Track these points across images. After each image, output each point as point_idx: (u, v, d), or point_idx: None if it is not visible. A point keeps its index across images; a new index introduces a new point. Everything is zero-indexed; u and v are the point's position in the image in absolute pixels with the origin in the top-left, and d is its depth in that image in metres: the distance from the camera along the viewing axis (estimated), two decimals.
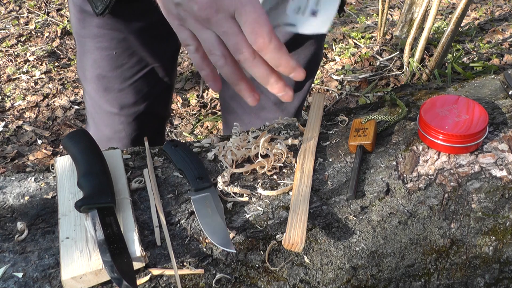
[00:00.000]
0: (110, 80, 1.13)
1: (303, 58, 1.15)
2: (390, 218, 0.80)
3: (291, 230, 0.74)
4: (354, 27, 3.12)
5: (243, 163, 0.89)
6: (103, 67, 1.11)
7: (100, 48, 1.08)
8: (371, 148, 0.89)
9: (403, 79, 2.54)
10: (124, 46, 1.08)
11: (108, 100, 1.17)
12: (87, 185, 0.76)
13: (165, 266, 0.71)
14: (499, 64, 2.64)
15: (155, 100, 1.21)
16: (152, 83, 1.17)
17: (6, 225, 0.76)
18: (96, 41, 1.07)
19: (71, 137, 0.85)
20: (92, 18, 1.03)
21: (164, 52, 1.14)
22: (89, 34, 1.07)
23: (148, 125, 1.25)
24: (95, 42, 1.08)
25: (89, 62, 1.12)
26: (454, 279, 0.78)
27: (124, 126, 1.23)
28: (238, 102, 1.26)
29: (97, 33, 1.06)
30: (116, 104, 1.17)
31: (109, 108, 1.18)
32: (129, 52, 1.10)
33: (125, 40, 1.07)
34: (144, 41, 1.09)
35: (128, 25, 1.04)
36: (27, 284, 0.68)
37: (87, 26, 1.05)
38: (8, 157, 2.11)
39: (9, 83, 2.60)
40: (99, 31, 1.05)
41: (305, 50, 1.15)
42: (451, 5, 3.38)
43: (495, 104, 0.99)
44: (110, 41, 1.07)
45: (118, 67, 1.11)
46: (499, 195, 0.83)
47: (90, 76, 1.14)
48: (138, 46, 1.09)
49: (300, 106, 1.27)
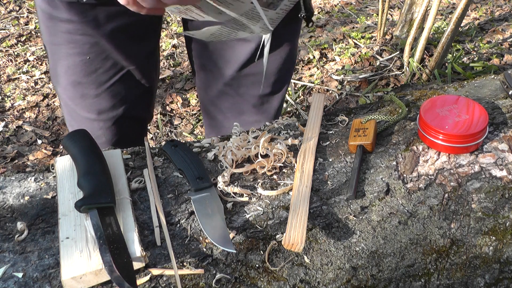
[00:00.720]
0: (85, 86, 1.11)
1: (279, 59, 1.15)
2: (390, 218, 0.80)
3: (291, 230, 0.74)
4: (354, 27, 3.12)
5: (243, 163, 0.89)
6: (77, 73, 1.09)
7: (73, 54, 1.07)
8: (371, 148, 0.89)
9: (403, 79, 2.54)
10: (97, 51, 1.06)
11: (85, 106, 1.15)
12: (87, 185, 0.76)
13: (165, 266, 0.71)
14: (499, 64, 2.64)
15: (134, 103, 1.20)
16: (129, 86, 1.15)
17: (6, 225, 0.76)
18: (68, 47, 1.06)
19: (71, 137, 0.85)
20: (62, 24, 1.02)
21: (138, 53, 1.13)
22: (60, 41, 1.05)
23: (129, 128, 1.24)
24: (67, 49, 1.06)
25: (62, 69, 1.10)
26: (454, 279, 0.78)
27: (104, 132, 1.21)
28: (217, 108, 1.26)
29: (69, 39, 1.04)
30: (94, 110, 1.15)
31: (87, 114, 1.17)
32: (102, 56, 1.08)
33: (98, 44, 1.05)
34: (117, 44, 1.07)
35: (99, 28, 1.03)
36: (27, 284, 0.68)
37: (58, 33, 1.04)
38: (8, 157, 2.11)
39: (9, 83, 2.60)
40: (71, 37, 1.04)
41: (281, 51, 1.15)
42: (451, 5, 3.38)
43: (495, 104, 0.99)
44: (83, 46, 1.05)
45: (93, 72, 1.10)
46: (499, 195, 0.83)
47: (65, 84, 1.12)
48: (112, 50, 1.07)
49: (279, 107, 1.27)
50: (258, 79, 1.16)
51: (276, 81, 1.18)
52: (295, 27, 1.15)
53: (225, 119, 1.26)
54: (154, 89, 1.26)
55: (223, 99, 1.22)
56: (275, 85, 1.19)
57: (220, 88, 1.19)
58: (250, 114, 1.23)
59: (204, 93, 1.26)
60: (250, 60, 1.12)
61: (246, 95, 1.20)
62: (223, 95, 1.21)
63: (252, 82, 1.16)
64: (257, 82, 1.16)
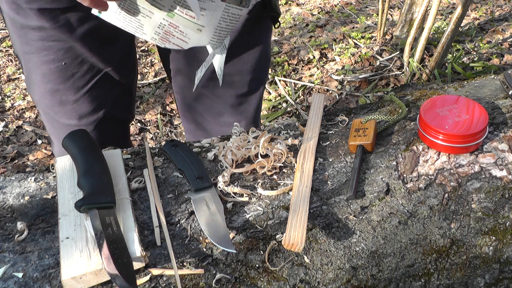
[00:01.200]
0: (63, 92, 1.10)
1: (253, 58, 1.16)
2: (390, 218, 0.80)
3: (291, 230, 0.74)
4: (354, 27, 3.12)
5: (243, 163, 0.89)
6: (54, 80, 1.08)
7: (47, 62, 1.05)
8: (371, 148, 0.89)
9: (403, 79, 2.54)
10: (72, 55, 1.05)
11: (64, 113, 1.14)
12: (87, 185, 0.76)
13: (165, 266, 0.71)
14: (499, 64, 2.64)
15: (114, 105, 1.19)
16: (107, 88, 1.14)
17: (6, 225, 0.76)
18: (42, 55, 1.04)
19: (71, 137, 0.85)
20: (34, 32, 1.00)
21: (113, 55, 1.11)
22: (33, 50, 1.03)
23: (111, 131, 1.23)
24: (40, 57, 1.04)
25: (37, 78, 1.08)
26: (454, 279, 0.78)
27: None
28: (195, 111, 1.26)
29: (42, 46, 1.02)
30: (74, 116, 1.14)
31: (67, 121, 1.15)
32: (78, 60, 1.06)
33: (72, 48, 1.03)
34: (91, 47, 1.06)
35: (72, 33, 1.01)
36: (27, 284, 0.68)
37: (30, 41, 1.02)
38: (8, 157, 2.11)
39: (9, 83, 2.60)
40: (43, 44, 1.02)
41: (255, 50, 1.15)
42: (451, 5, 3.38)
43: (495, 104, 0.99)
44: (57, 52, 1.03)
45: (69, 77, 1.08)
46: (499, 195, 0.83)
47: (41, 92, 1.11)
48: (86, 53, 1.06)
49: (258, 107, 1.27)
50: (234, 79, 1.16)
51: (252, 80, 1.19)
52: (266, 25, 1.15)
53: (204, 121, 1.26)
54: (133, 89, 1.25)
55: (201, 101, 1.22)
56: (252, 84, 1.20)
57: (198, 90, 1.19)
58: (228, 115, 1.23)
59: (182, 98, 1.26)
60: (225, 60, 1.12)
61: (223, 96, 1.19)
62: (200, 97, 1.21)
63: (227, 82, 1.16)
64: (233, 82, 1.17)
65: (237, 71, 1.15)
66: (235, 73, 1.15)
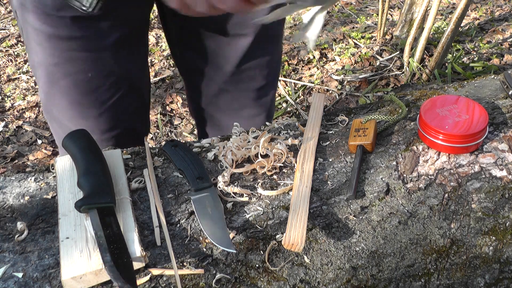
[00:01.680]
0: (86, 105, 1.08)
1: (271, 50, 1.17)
2: (390, 218, 0.79)
3: (291, 230, 0.74)
4: (354, 27, 3.11)
5: (243, 163, 0.89)
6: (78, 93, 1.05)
7: (73, 73, 1.03)
8: (371, 148, 0.89)
9: (403, 79, 2.54)
10: (98, 67, 1.03)
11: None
12: (87, 185, 0.76)
13: (165, 266, 0.71)
14: (499, 64, 2.64)
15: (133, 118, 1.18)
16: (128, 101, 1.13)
17: (6, 225, 0.76)
18: (69, 66, 1.01)
19: (71, 137, 0.85)
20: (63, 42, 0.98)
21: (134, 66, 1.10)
22: (59, 61, 1.01)
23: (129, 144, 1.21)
24: (67, 68, 1.02)
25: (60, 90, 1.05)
26: (454, 279, 0.78)
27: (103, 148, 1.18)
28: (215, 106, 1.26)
29: (69, 57, 1.00)
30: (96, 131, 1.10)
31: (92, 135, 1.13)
32: (104, 73, 1.04)
33: (100, 59, 1.02)
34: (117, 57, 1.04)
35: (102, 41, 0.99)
36: (27, 284, 0.68)
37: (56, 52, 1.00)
38: (8, 157, 2.11)
39: (9, 83, 2.60)
40: (71, 55, 1.00)
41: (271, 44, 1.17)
42: (451, 5, 3.38)
43: (495, 104, 0.99)
44: (84, 63, 1.01)
45: (94, 90, 1.06)
46: (499, 195, 0.83)
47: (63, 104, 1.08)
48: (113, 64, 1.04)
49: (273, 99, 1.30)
50: (255, 73, 1.17)
51: (269, 74, 1.21)
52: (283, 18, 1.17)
53: (223, 117, 1.26)
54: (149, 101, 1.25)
55: (222, 97, 1.22)
56: (269, 77, 1.22)
57: (219, 86, 1.19)
58: (250, 108, 1.24)
59: (199, 96, 1.25)
60: (248, 54, 1.13)
61: (246, 90, 1.21)
62: (223, 92, 1.21)
63: (250, 76, 1.17)
64: (254, 75, 1.18)
65: (258, 64, 1.16)
66: (255, 67, 1.17)
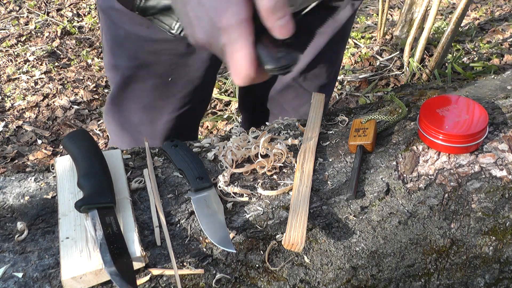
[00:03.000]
0: (158, 110, 1.06)
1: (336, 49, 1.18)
2: (390, 218, 0.80)
3: (291, 230, 0.74)
4: (354, 27, 3.11)
5: (243, 163, 0.89)
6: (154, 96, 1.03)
7: (154, 76, 1.00)
8: (371, 148, 0.89)
9: (403, 79, 2.54)
10: (181, 72, 1.00)
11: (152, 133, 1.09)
12: (87, 185, 0.76)
13: (165, 266, 0.71)
14: (499, 64, 2.64)
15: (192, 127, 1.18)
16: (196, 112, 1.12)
17: (6, 225, 0.76)
18: (152, 68, 0.99)
19: (71, 137, 0.85)
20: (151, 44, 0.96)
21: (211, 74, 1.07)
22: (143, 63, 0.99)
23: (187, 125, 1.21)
24: (149, 70, 0.99)
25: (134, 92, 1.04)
26: (454, 279, 0.78)
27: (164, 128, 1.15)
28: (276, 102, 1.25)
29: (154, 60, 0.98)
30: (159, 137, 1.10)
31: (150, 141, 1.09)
32: (185, 79, 1.01)
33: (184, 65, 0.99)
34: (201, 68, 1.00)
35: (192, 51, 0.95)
36: (27, 284, 0.68)
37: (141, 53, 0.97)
38: (8, 157, 2.11)
39: (9, 83, 2.60)
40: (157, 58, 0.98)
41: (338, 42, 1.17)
42: (451, 5, 3.38)
43: (495, 104, 0.99)
44: (169, 67, 0.99)
45: (171, 96, 1.04)
46: (499, 195, 0.83)
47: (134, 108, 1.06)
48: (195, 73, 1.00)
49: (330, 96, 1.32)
50: (322, 71, 1.18)
51: (332, 72, 1.22)
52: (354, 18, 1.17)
53: (282, 112, 1.24)
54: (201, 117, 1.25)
55: (286, 93, 1.22)
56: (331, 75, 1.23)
57: (287, 82, 1.19)
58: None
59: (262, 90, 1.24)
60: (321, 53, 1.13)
61: (309, 88, 1.21)
62: (287, 89, 1.21)
63: (316, 74, 1.18)
64: (321, 73, 1.18)
65: (326, 62, 1.17)
66: (323, 66, 1.17)
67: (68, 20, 3.16)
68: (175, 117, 1.09)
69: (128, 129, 1.13)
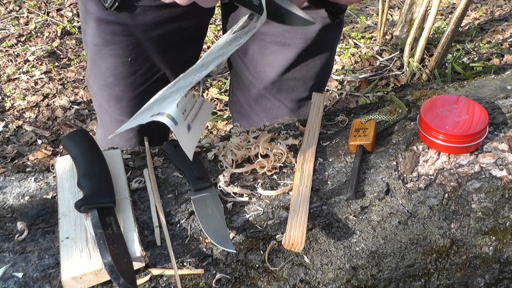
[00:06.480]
0: (122, 88, 1.13)
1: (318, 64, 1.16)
2: (390, 218, 0.80)
3: (291, 230, 0.74)
4: (354, 27, 3.11)
5: (243, 163, 0.89)
6: (116, 74, 1.11)
7: (114, 56, 1.08)
8: (371, 148, 0.89)
9: (403, 79, 2.54)
10: (138, 52, 1.08)
11: (119, 109, 1.17)
12: (87, 185, 0.76)
13: (165, 266, 0.71)
14: (499, 64, 2.64)
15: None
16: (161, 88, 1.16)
17: (6, 225, 0.76)
18: (111, 48, 1.07)
19: (71, 137, 0.85)
20: (108, 25, 1.03)
21: (177, 61, 1.14)
22: (103, 42, 1.07)
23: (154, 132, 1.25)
24: (109, 50, 1.07)
25: (101, 70, 1.11)
26: (454, 279, 0.78)
27: (135, 133, 1.23)
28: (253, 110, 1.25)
29: (112, 40, 1.06)
30: (128, 113, 1.16)
31: (119, 117, 1.18)
32: (143, 57, 1.09)
33: (140, 45, 1.06)
34: (159, 49, 1.08)
35: (145, 33, 1.04)
36: (27, 284, 0.68)
37: (101, 34, 1.05)
38: (8, 157, 2.11)
39: (9, 83, 2.60)
40: (114, 38, 1.05)
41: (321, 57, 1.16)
42: (451, 5, 3.38)
43: (495, 104, 0.99)
44: (125, 47, 1.07)
45: (131, 74, 1.11)
46: (499, 195, 0.83)
47: (102, 85, 1.14)
48: (152, 52, 1.08)
49: None
50: (297, 84, 1.17)
51: (313, 86, 1.20)
52: (336, 34, 1.16)
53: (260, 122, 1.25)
54: None
55: (261, 103, 1.22)
56: (312, 90, 1.20)
57: (259, 92, 1.19)
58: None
59: (242, 94, 1.25)
60: (292, 65, 1.12)
61: (284, 100, 1.20)
62: (261, 98, 1.21)
63: (292, 86, 1.17)
64: (296, 87, 1.17)
65: (302, 77, 1.16)
66: (299, 79, 1.16)
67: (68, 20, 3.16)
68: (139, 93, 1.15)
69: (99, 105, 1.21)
